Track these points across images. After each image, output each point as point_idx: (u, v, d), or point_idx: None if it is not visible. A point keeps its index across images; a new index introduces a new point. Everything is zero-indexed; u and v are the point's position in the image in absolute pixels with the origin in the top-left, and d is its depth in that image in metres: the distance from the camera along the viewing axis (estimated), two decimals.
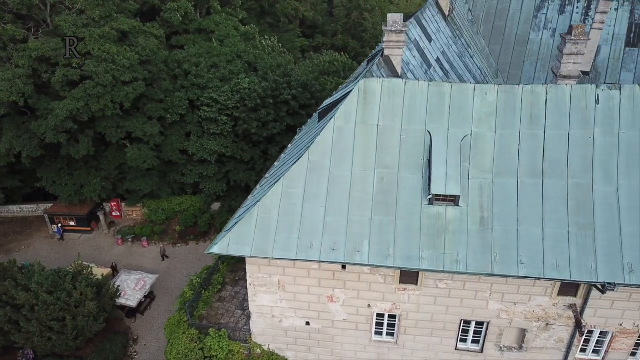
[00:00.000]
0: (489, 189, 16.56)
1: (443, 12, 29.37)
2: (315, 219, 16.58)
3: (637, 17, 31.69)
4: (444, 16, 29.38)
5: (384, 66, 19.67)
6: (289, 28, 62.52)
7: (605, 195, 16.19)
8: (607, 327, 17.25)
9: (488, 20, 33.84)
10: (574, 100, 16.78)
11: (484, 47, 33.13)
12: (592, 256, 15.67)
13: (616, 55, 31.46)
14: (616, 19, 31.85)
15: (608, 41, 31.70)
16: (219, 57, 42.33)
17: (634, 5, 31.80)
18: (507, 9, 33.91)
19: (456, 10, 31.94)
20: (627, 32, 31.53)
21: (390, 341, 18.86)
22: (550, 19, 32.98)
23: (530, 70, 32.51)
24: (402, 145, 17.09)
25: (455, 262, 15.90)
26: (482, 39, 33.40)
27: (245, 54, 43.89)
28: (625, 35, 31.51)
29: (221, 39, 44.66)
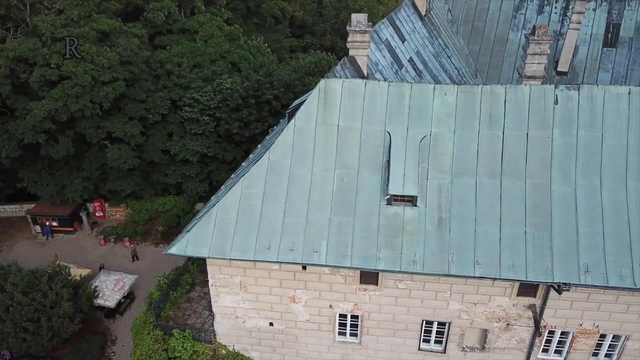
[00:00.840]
0: (447, 189, 16.55)
1: (419, 13, 29.33)
2: (274, 219, 16.56)
3: (615, 17, 31.75)
4: (420, 16, 29.35)
5: (349, 66, 19.65)
6: (276, 28, 62.45)
7: (563, 195, 16.20)
8: (568, 327, 17.25)
9: (467, 20, 33.89)
10: (533, 100, 16.78)
11: (463, 47, 33.15)
12: (549, 256, 15.67)
13: (594, 55, 31.52)
14: (594, 19, 31.92)
15: (586, 41, 31.76)
16: (203, 57, 42.31)
17: (612, 5, 31.87)
18: (487, 9, 33.96)
19: (435, 11, 31.95)
20: (605, 32, 31.58)
21: (354, 342, 18.85)
22: (529, 19, 33.02)
23: (509, 70, 32.53)
24: (362, 146, 17.08)
25: (412, 263, 15.90)
26: (462, 39, 33.43)
27: (229, 54, 43.87)
28: (603, 35, 31.57)
29: (205, 39, 44.62)
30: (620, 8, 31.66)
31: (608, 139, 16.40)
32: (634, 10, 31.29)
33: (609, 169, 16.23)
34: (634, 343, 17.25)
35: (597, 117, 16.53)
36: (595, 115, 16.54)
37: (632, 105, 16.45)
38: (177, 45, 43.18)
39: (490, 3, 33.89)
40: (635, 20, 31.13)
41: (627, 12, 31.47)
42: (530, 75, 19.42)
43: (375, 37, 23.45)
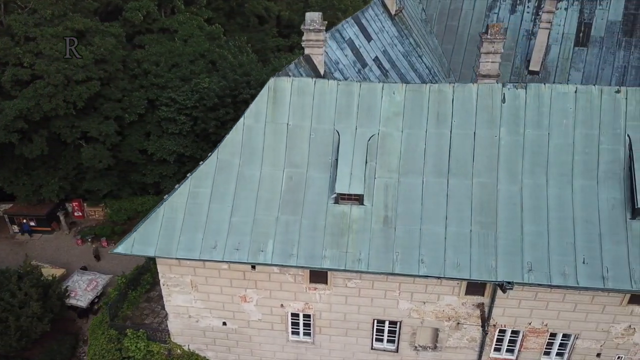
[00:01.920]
0: (394, 188, 16.53)
1: (389, 12, 29.31)
2: (221, 218, 16.53)
3: (586, 16, 31.75)
4: (390, 16, 29.32)
5: (304, 65, 19.61)
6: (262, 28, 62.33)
7: (509, 194, 16.20)
8: (517, 326, 17.24)
9: (441, 19, 33.85)
10: (480, 99, 16.77)
11: (436, 47, 33.13)
12: (493, 255, 15.67)
13: (565, 54, 31.50)
14: (566, 18, 31.90)
15: (558, 40, 31.75)
16: (181, 57, 42.20)
17: (583, 4, 31.89)
18: (460, 8, 33.92)
19: (407, 10, 31.92)
20: (577, 32, 31.57)
21: (308, 341, 18.83)
22: (501, 19, 32.95)
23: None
24: (311, 145, 17.05)
25: (356, 261, 15.87)
26: (435, 39, 33.40)
27: (209, 53, 43.81)
28: (574, 34, 31.58)
29: (185, 39, 44.53)
30: (592, 7, 31.68)
31: (555, 138, 16.40)
32: (605, 9, 31.31)
33: (555, 167, 16.23)
34: (583, 342, 17.25)
35: (544, 115, 16.53)
36: (542, 114, 16.54)
37: (579, 104, 16.45)
38: (156, 45, 43.07)
39: (463, 2, 33.87)
40: (607, 19, 31.13)
41: (598, 12, 31.50)
42: (485, 74, 19.41)
43: (337, 36, 23.43)
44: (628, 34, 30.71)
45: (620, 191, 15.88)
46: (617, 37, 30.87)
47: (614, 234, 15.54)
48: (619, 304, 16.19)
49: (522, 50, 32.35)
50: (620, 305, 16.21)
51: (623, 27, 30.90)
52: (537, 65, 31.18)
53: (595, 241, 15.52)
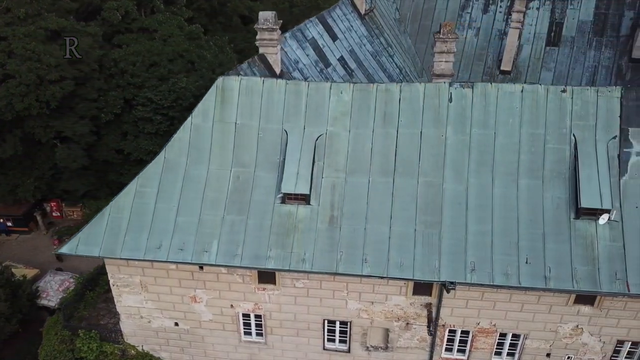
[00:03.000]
0: (341, 187, 16.48)
1: (359, 11, 29.26)
2: (167, 218, 16.46)
3: (558, 16, 31.74)
4: (359, 15, 29.27)
5: (259, 64, 19.53)
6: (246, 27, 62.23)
7: (454, 193, 16.15)
8: (466, 326, 17.20)
9: (415, 19, 33.82)
10: (427, 98, 16.73)
11: (409, 46, 33.10)
12: (437, 255, 15.62)
13: (537, 54, 31.48)
14: (538, 18, 31.89)
15: (530, 40, 31.70)
16: (160, 56, 42.08)
17: (555, 4, 31.89)
18: (433, 7, 33.87)
19: (379, 9, 31.90)
20: (548, 31, 31.54)
21: (260, 341, 18.75)
22: (474, 18, 32.95)
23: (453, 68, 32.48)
24: (260, 144, 16.99)
25: (301, 261, 15.82)
26: (409, 38, 33.38)
27: (188, 53, 43.71)
28: (546, 34, 31.57)
29: (164, 38, 44.44)
30: (563, 7, 31.68)
31: (501, 137, 16.37)
32: (576, 9, 31.30)
33: (501, 167, 16.19)
34: (532, 342, 17.21)
35: (490, 115, 16.50)
36: (488, 113, 16.51)
37: (525, 103, 16.43)
38: (135, 44, 42.96)
39: (437, 2, 33.83)
40: (578, 19, 31.13)
41: (569, 11, 31.48)
42: (439, 74, 19.35)
43: (298, 35, 23.36)
44: (599, 33, 30.72)
45: (565, 191, 15.85)
46: (588, 37, 30.88)
47: (558, 233, 15.50)
48: (565, 304, 16.15)
49: (494, 49, 32.35)
50: (566, 305, 16.18)
51: (594, 26, 30.91)
52: (508, 65, 31.17)
53: (538, 241, 15.48)
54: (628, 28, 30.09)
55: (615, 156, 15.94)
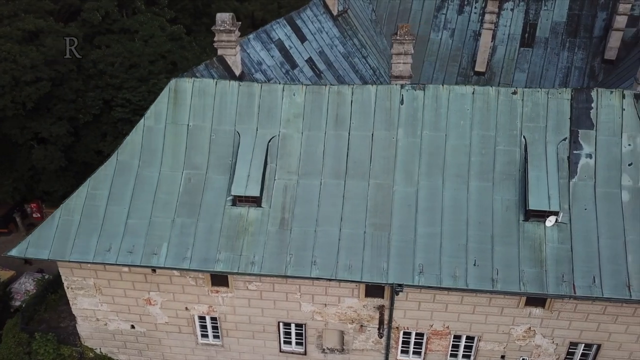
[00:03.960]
0: (292, 189, 16.44)
1: (331, 12, 29.21)
2: (118, 221, 16.39)
3: (532, 17, 31.74)
4: (332, 16, 29.22)
5: (217, 65, 19.48)
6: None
7: (404, 196, 16.12)
8: (419, 328, 17.15)
9: (391, 20, 33.73)
10: (379, 100, 16.70)
11: (385, 47, 33.02)
12: (385, 257, 15.59)
13: (511, 55, 31.46)
14: (512, 19, 31.86)
15: (504, 41, 31.68)
16: (141, 57, 41.99)
17: (529, 5, 31.89)
18: (409, 9, 33.82)
19: (354, 10, 31.84)
20: (522, 32, 31.50)
21: (217, 344, 18.69)
22: (449, 19, 32.93)
23: (429, 69, 32.43)
24: (212, 146, 16.94)
25: (250, 264, 15.77)
26: (385, 39, 33.34)
27: (170, 54, 43.64)
28: (520, 35, 31.57)
29: (145, 39, 44.36)
30: (537, 8, 31.67)
31: (452, 139, 16.35)
32: (550, 10, 31.30)
33: (452, 169, 16.17)
34: (486, 344, 17.18)
35: (441, 117, 16.47)
36: (439, 115, 16.48)
37: (476, 105, 16.41)
38: (116, 45, 42.88)
39: (412, 3, 33.80)
40: (551, 20, 31.12)
41: (543, 12, 31.47)
42: (397, 75, 19.30)
43: (263, 36, 23.32)
44: (572, 34, 30.74)
45: (515, 193, 15.83)
46: (561, 38, 30.90)
47: (506, 235, 15.49)
48: (517, 306, 16.12)
49: (469, 51, 32.35)
50: (517, 307, 16.14)
51: (567, 27, 30.93)
52: (482, 66, 31.16)
53: (487, 243, 15.46)
54: (601, 29, 30.11)
55: (565, 158, 15.94)
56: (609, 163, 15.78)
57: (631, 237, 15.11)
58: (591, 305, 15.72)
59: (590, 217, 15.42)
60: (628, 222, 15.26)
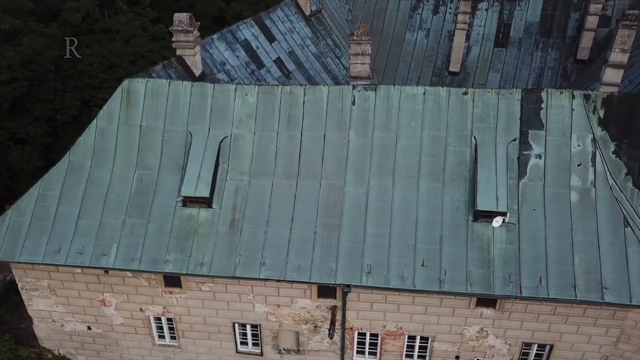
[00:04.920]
0: (244, 190, 16.40)
1: (303, 13, 29.18)
2: (68, 222, 16.33)
3: (506, 17, 31.76)
4: (304, 16, 29.19)
5: (176, 66, 19.43)
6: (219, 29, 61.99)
7: (355, 196, 16.10)
8: (373, 329, 17.13)
9: (367, 20, 33.71)
10: (331, 101, 16.68)
11: None
12: (334, 257, 15.56)
13: (485, 55, 31.48)
14: (486, 19, 31.90)
15: (478, 41, 31.70)
16: (121, 57, 41.92)
17: (503, 5, 31.91)
18: (385, 9, 33.85)
19: (329, 10, 31.82)
20: (496, 32, 31.54)
21: (174, 345, 18.64)
22: (424, 19, 32.96)
23: (404, 70, 32.46)
24: (164, 147, 16.90)
25: (199, 265, 15.73)
26: None
27: (151, 54, 43.56)
28: (494, 35, 31.59)
29: (126, 39, 44.27)
30: (511, 8, 31.71)
31: (402, 140, 16.33)
32: (524, 10, 31.34)
33: (402, 169, 16.15)
34: (440, 344, 17.17)
35: (392, 117, 16.45)
36: (390, 116, 16.47)
37: (427, 105, 16.39)
38: (96, 45, 42.79)
39: (388, 3, 33.81)
40: (525, 20, 31.16)
41: (517, 12, 31.51)
42: (356, 76, 19.28)
43: (228, 37, 23.27)
44: (545, 34, 30.80)
45: (464, 193, 15.82)
46: (535, 38, 30.95)
47: (455, 236, 15.47)
48: (468, 306, 16.10)
49: (444, 51, 32.38)
50: (468, 308, 16.13)
51: (541, 27, 31.00)
52: (456, 66, 31.19)
53: (435, 243, 15.45)
54: (574, 29, 30.18)
55: (515, 158, 15.94)
56: (558, 163, 15.79)
57: (578, 237, 15.12)
58: (541, 306, 15.72)
59: (538, 218, 15.42)
60: (576, 223, 15.27)
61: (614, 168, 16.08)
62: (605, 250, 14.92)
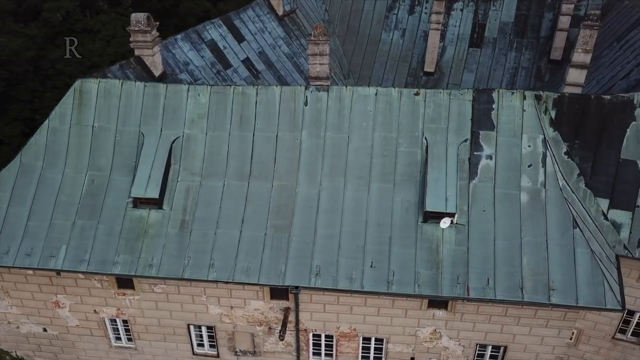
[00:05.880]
0: (195, 191, 16.31)
1: (276, 13, 29.08)
2: (18, 223, 16.21)
3: (481, 17, 31.71)
4: (277, 16, 29.09)
5: (134, 66, 19.33)
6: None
7: (307, 197, 16.02)
8: (327, 330, 17.06)
9: (343, 20, 33.68)
10: (283, 101, 16.58)
11: (337, 48, 32.92)
12: (284, 259, 15.48)
13: (460, 55, 31.41)
14: (461, 19, 31.84)
15: (453, 41, 31.64)
16: (102, 58, 41.81)
17: (478, 5, 31.86)
18: (361, 9, 33.78)
19: (304, 10, 31.72)
20: (471, 33, 31.47)
21: (131, 346, 18.54)
22: (400, 19, 32.89)
23: (379, 70, 32.37)
24: (116, 147, 16.79)
25: (148, 267, 15.62)
26: (337, 40, 33.23)
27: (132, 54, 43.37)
28: (469, 35, 31.53)
29: (107, 39, 44.15)
30: (486, 8, 31.66)
31: (354, 141, 16.25)
32: (498, 10, 31.27)
33: (354, 170, 16.07)
34: (395, 346, 17.10)
35: (344, 118, 16.38)
36: (342, 117, 16.39)
37: (379, 106, 16.32)
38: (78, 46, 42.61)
39: (364, 3, 33.72)
40: (499, 20, 31.10)
41: (492, 12, 31.45)
42: (315, 76, 19.17)
43: (193, 37, 23.14)
44: (520, 34, 30.76)
45: (415, 194, 15.75)
46: (509, 38, 30.91)
47: (404, 237, 15.40)
48: (420, 307, 16.04)
49: (419, 51, 32.32)
50: (420, 309, 16.06)
51: (515, 27, 30.96)
52: (431, 67, 31.13)
53: (385, 244, 15.37)
54: (548, 29, 30.15)
55: (466, 159, 15.87)
56: (509, 164, 15.72)
57: (527, 238, 15.06)
58: (492, 307, 15.66)
59: (488, 219, 15.35)
60: (525, 224, 15.21)
61: (566, 169, 16.03)
62: (554, 251, 14.87)
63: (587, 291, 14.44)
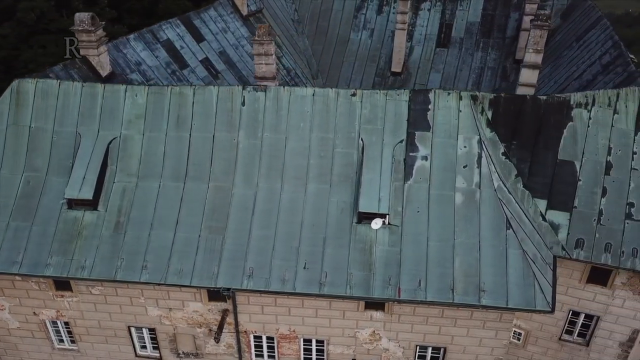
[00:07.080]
0: (131, 192, 16.17)
1: (240, 12, 28.95)
2: None
3: (448, 17, 31.65)
4: (241, 16, 28.95)
5: (79, 66, 19.19)
6: None
7: (243, 198, 15.91)
8: (267, 332, 16.95)
9: (313, 20, 33.58)
10: (221, 102, 16.47)
11: (306, 48, 32.87)
12: (217, 261, 15.36)
13: (427, 55, 31.36)
14: (428, 19, 31.81)
15: (421, 42, 31.61)
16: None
17: (445, 5, 31.80)
18: (330, 9, 33.68)
19: (272, 10, 31.60)
20: (438, 33, 31.43)
21: (74, 348, 18.40)
22: (369, 19, 32.82)
23: (348, 70, 32.26)
24: (53, 148, 16.64)
25: (80, 268, 15.48)
26: (306, 39, 33.16)
27: None
28: (436, 35, 31.48)
29: None
30: (453, 8, 31.62)
31: (292, 142, 16.15)
32: (465, 10, 31.23)
33: (291, 171, 15.97)
34: (335, 347, 17.01)
35: (282, 119, 16.27)
36: (280, 117, 16.28)
37: (316, 107, 16.22)
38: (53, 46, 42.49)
39: (334, 3, 33.61)
40: (466, 20, 31.06)
41: (458, 12, 31.41)
42: (261, 77, 19.06)
43: (148, 36, 23.00)
44: (486, 34, 30.74)
45: (350, 195, 15.66)
46: (475, 38, 30.89)
47: (338, 238, 15.31)
48: (357, 309, 15.95)
49: (387, 51, 32.25)
50: (358, 310, 15.98)
51: (481, 27, 30.95)
52: (398, 67, 31.06)
53: (319, 245, 15.27)
54: (513, 29, 30.13)
55: (401, 160, 15.77)
56: (444, 165, 15.64)
57: (460, 239, 14.98)
58: (429, 309, 15.59)
59: (422, 220, 15.27)
60: (459, 225, 15.13)
61: (504, 170, 15.96)
62: (486, 252, 14.79)
63: (518, 292, 14.37)
